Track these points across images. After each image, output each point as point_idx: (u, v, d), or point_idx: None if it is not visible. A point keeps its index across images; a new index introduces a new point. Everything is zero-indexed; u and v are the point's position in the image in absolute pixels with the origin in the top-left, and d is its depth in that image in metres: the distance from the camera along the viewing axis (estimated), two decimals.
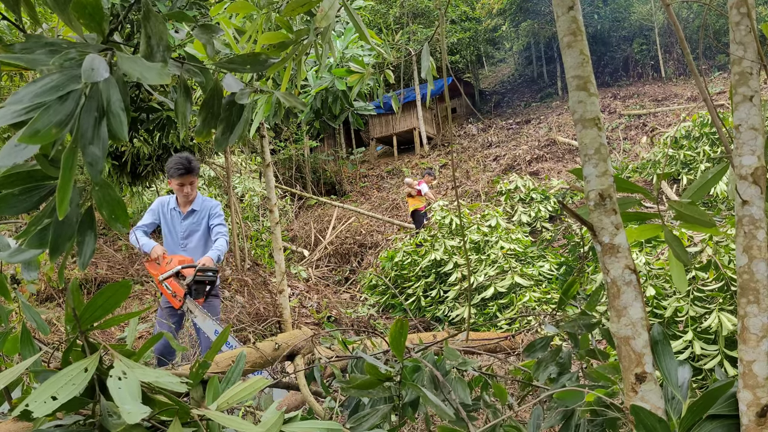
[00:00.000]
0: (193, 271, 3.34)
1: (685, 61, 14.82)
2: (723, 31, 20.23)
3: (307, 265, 9.72)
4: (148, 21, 0.78)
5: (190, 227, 3.73)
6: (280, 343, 2.61)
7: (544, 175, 13.04)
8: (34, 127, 0.60)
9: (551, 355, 1.58)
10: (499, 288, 5.93)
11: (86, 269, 0.95)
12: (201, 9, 3.97)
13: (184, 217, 3.71)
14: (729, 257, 3.84)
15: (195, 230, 3.74)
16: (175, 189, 3.64)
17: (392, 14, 22.77)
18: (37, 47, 0.69)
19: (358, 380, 1.42)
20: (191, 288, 3.35)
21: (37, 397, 0.82)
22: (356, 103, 5.30)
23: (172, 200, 3.78)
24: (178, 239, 3.74)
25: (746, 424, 1.01)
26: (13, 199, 0.74)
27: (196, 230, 3.74)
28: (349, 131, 23.83)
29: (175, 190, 3.65)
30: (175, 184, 3.59)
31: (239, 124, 1.06)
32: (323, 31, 1.74)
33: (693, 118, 9.09)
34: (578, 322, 1.56)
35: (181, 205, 3.73)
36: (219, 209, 3.81)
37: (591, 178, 1.14)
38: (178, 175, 3.52)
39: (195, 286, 3.36)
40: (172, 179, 3.57)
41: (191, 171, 3.57)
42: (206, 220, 3.75)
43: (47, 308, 6.54)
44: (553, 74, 25.65)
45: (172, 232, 3.76)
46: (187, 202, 3.71)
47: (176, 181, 3.56)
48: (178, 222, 3.72)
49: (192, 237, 3.73)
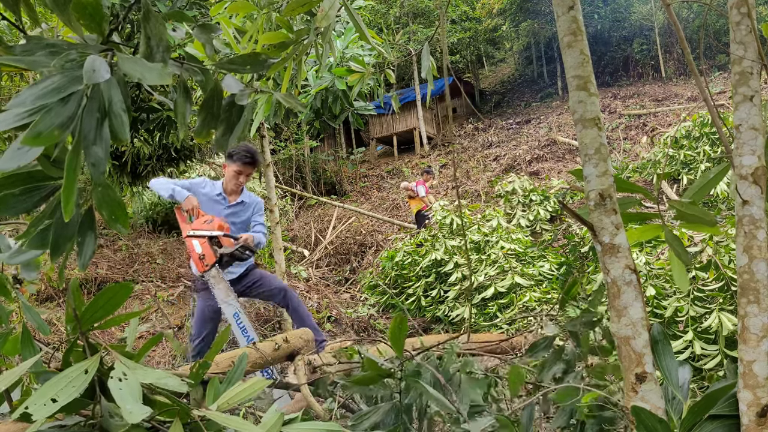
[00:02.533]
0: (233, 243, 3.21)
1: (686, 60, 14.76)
2: (723, 31, 20.22)
3: (308, 265, 9.72)
4: (147, 21, 0.78)
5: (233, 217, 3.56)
6: (280, 343, 2.61)
7: (545, 175, 13.03)
8: (37, 130, 0.60)
9: (555, 354, 1.58)
10: (499, 288, 5.93)
11: (86, 269, 0.95)
12: (201, 9, 3.97)
13: (229, 206, 3.55)
14: (729, 257, 3.83)
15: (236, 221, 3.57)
16: (230, 174, 3.49)
17: (392, 14, 22.76)
18: (38, 49, 0.69)
19: (359, 376, 1.42)
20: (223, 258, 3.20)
21: (37, 399, 0.82)
22: (356, 102, 5.30)
23: (215, 187, 3.59)
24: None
25: (746, 424, 1.01)
26: (14, 199, 0.74)
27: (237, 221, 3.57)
28: (349, 131, 23.82)
29: (230, 176, 3.50)
30: (233, 169, 3.45)
31: (239, 124, 1.06)
32: (323, 30, 1.74)
33: (693, 118, 9.08)
34: (579, 320, 1.56)
35: (228, 193, 3.57)
36: (263, 207, 3.74)
37: (591, 178, 1.14)
38: (243, 163, 3.41)
39: (228, 258, 3.21)
40: (234, 164, 3.43)
41: (255, 164, 3.49)
42: (250, 215, 3.63)
43: (47, 308, 6.54)
44: (553, 74, 25.64)
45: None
46: (236, 192, 3.58)
47: (237, 167, 3.43)
48: (221, 209, 3.53)
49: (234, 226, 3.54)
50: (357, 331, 6.41)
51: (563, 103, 21.76)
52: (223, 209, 3.54)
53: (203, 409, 1.04)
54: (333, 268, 9.97)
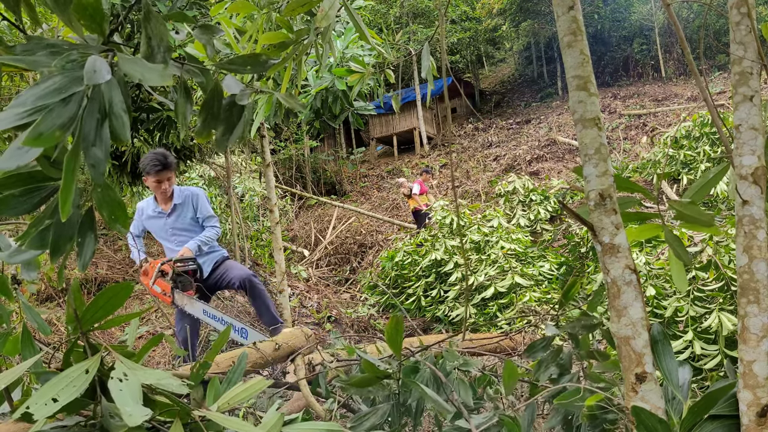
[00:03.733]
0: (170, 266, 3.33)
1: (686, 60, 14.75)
2: (723, 31, 20.21)
3: (307, 265, 9.72)
4: (148, 22, 0.78)
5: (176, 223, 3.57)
6: (280, 343, 2.62)
7: (545, 175, 13.04)
8: (38, 130, 0.60)
9: (552, 355, 1.59)
10: (499, 288, 5.93)
11: (86, 270, 0.95)
12: (201, 9, 3.97)
13: (168, 215, 3.56)
14: (729, 257, 3.83)
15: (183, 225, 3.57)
16: (152, 187, 3.48)
17: (392, 14, 22.77)
18: (39, 49, 0.69)
19: (357, 378, 1.42)
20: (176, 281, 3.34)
21: (38, 399, 0.82)
22: (356, 102, 5.30)
23: (150, 203, 3.62)
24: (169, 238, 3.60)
25: (746, 424, 1.01)
26: (14, 200, 0.74)
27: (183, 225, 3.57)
28: (349, 131, 23.83)
29: (153, 188, 3.50)
30: (151, 181, 3.43)
31: (239, 125, 1.06)
32: (323, 30, 1.74)
33: (693, 118, 9.08)
34: (579, 323, 1.56)
35: (161, 204, 3.58)
36: (203, 198, 3.64)
37: (591, 177, 1.14)
38: (155, 172, 3.38)
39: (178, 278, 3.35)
40: (149, 176, 3.41)
41: (168, 166, 3.42)
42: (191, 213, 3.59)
43: (47, 308, 6.54)
44: (553, 74, 25.64)
45: (161, 234, 3.63)
46: (167, 198, 3.55)
47: (153, 178, 3.41)
48: (163, 222, 3.57)
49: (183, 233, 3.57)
50: (357, 331, 6.41)
51: (563, 103, 21.76)
52: (164, 222, 3.57)
53: (203, 410, 1.04)
54: (333, 268, 9.97)
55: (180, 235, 3.57)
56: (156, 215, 3.60)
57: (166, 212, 3.56)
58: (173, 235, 3.59)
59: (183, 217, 3.58)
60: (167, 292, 3.37)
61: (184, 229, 3.59)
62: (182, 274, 3.38)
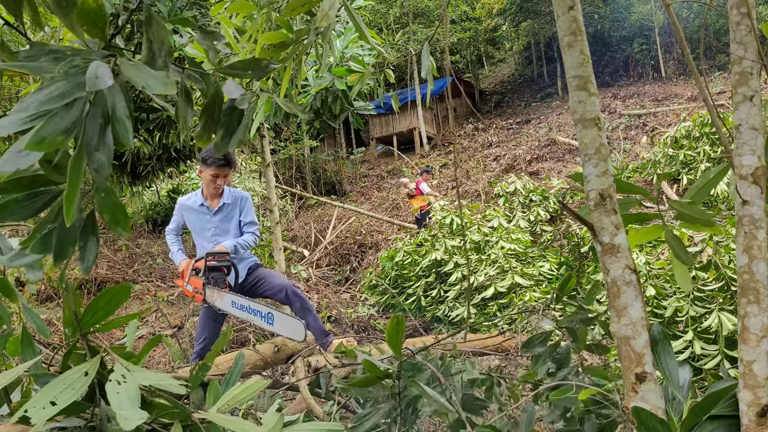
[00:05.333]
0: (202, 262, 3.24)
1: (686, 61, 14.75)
2: (723, 31, 20.20)
3: (308, 265, 9.72)
4: (150, 26, 0.78)
5: (222, 223, 3.47)
6: (279, 345, 2.62)
7: (544, 175, 13.03)
8: (41, 135, 0.60)
9: (549, 350, 1.59)
10: (499, 288, 5.94)
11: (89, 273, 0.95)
12: (201, 9, 3.97)
13: (215, 213, 3.45)
14: (729, 257, 3.84)
15: (227, 226, 3.48)
16: (207, 179, 3.36)
17: (392, 14, 22.77)
18: (41, 54, 0.70)
19: (357, 379, 1.42)
20: (208, 277, 3.23)
21: (36, 402, 0.81)
22: (356, 102, 5.29)
23: (196, 197, 3.49)
24: (209, 237, 3.47)
25: (746, 423, 1.01)
26: (17, 204, 0.74)
27: (227, 225, 3.48)
28: (349, 131, 23.82)
29: (207, 182, 3.38)
30: (209, 173, 3.32)
31: (239, 129, 1.06)
32: (323, 30, 1.74)
33: (693, 118, 9.07)
34: (576, 317, 1.56)
35: (209, 199, 3.46)
36: (250, 202, 3.57)
37: (591, 178, 1.14)
38: (216, 166, 3.28)
39: (210, 273, 3.23)
40: (208, 168, 3.30)
41: (230, 163, 3.36)
42: (237, 215, 3.51)
43: (47, 308, 6.55)
44: (553, 74, 25.63)
45: (202, 231, 3.49)
46: (217, 195, 3.45)
47: (212, 171, 3.30)
48: (208, 219, 3.45)
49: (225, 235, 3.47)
50: (357, 330, 6.41)
51: (563, 103, 21.75)
52: (209, 218, 3.46)
53: (203, 412, 1.04)
54: (333, 268, 9.97)
55: (221, 236, 3.47)
56: (199, 209, 3.48)
57: (213, 209, 3.46)
58: (215, 234, 3.47)
59: (229, 217, 3.49)
60: (199, 289, 3.24)
61: (227, 231, 3.49)
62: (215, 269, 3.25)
